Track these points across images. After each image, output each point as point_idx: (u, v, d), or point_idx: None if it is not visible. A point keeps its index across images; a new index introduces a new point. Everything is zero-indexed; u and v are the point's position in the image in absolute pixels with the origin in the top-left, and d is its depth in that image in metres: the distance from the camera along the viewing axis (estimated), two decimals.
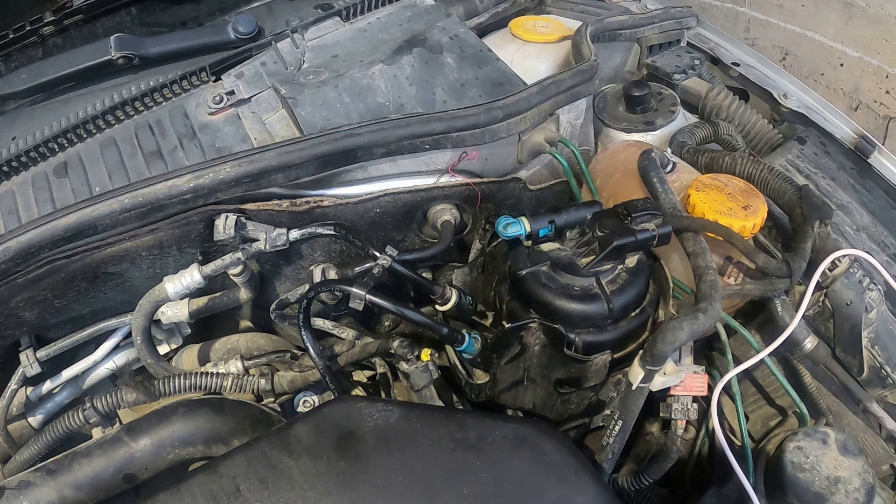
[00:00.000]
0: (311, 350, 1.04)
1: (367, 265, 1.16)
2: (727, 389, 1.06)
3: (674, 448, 1.01)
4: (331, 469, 0.84)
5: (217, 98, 1.31)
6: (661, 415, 1.02)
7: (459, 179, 1.24)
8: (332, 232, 1.15)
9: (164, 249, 1.09)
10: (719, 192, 1.11)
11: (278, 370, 1.10)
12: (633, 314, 1.01)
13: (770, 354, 1.03)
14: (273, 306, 1.20)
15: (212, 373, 1.06)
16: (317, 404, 1.09)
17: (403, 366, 1.07)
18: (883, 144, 1.45)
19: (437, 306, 1.13)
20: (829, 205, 1.12)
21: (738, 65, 1.64)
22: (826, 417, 1.13)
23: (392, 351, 1.07)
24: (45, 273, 1.04)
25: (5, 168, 1.26)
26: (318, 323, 1.18)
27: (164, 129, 1.29)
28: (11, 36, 1.46)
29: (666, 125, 1.45)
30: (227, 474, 0.84)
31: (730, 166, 1.21)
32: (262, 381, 1.07)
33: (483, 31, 1.66)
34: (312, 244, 1.20)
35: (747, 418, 1.11)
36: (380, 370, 1.14)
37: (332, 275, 1.18)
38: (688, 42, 1.70)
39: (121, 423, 1.04)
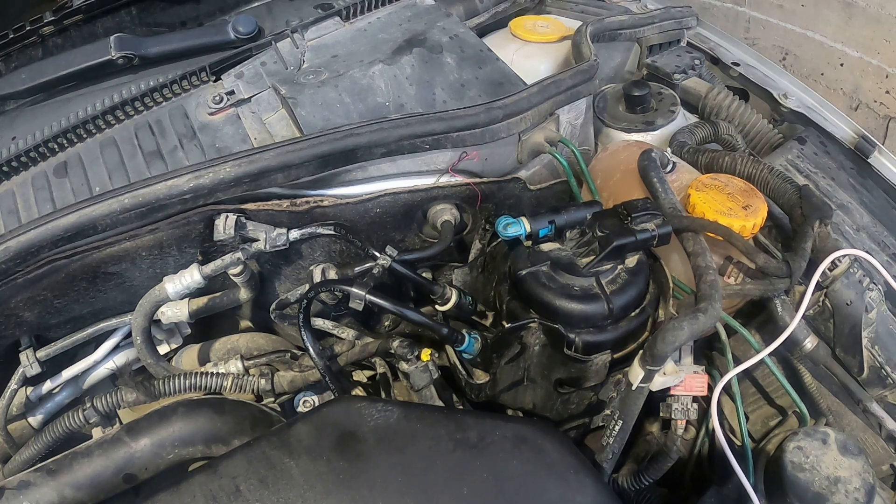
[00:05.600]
0: (311, 350, 1.04)
1: (367, 265, 1.16)
2: (727, 389, 1.06)
3: (674, 448, 1.01)
4: (331, 469, 0.84)
5: (217, 98, 1.31)
6: (661, 415, 1.02)
7: (459, 179, 1.24)
8: (332, 232, 1.16)
9: (164, 249, 1.10)
10: (719, 192, 1.11)
11: (278, 370, 1.11)
12: (633, 314, 1.01)
13: (770, 354, 1.03)
14: (273, 306, 1.20)
15: (212, 373, 1.06)
16: (317, 404, 1.09)
17: (403, 366, 1.07)
18: (883, 144, 1.45)
19: (437, 306, 1.13)
20: (829, 205, 1.12)
21: (738, 65, 1.64)
22: (826, 417, 1.13)
23: (392, 351, 1.07)
24: (45, 273, 1.04)
25: (5, 168, 1.26)
26: (318, 323, 1.18)
27: (164, 129, 1.29)
28: (11, 36, 1.46)
29: (666, 125, 1.45)
30: (227, 474, 0.84)
31: (730, 166, 1.21)
32: (262, 381, 1.07)
33: (483, 31, 1.66)
34: (312, 244, 1.20)
35: (747, 418, 1.11)
36: (380, 370, 1.14)
37: (332, 275, 1.18)
38: (688, 42, 1.70)
39: (121, 423, 1.04)
